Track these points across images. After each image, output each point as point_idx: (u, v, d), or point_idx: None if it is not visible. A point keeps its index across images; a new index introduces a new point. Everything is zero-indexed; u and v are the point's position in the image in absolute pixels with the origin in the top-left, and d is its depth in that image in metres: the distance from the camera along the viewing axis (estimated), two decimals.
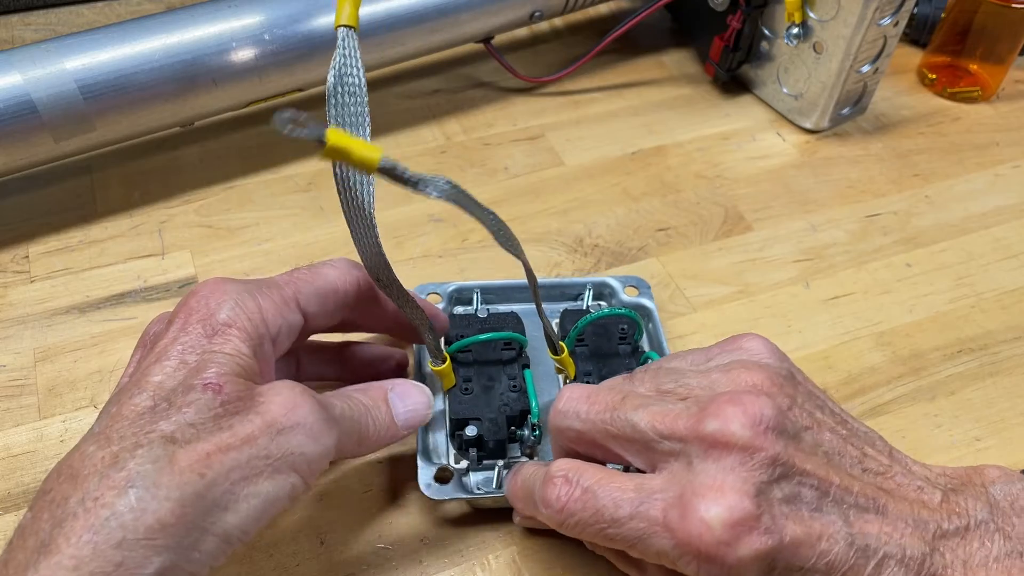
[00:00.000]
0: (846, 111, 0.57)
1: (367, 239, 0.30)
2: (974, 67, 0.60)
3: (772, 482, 0.25)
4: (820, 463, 0.26)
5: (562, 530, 0.28)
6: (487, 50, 0.57)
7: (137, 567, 0.22)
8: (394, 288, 0.32)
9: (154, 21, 0.46)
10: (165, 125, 0.47)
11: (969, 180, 0.54)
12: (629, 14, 0.58)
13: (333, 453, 0.28)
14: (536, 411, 0.35)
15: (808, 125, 0.56)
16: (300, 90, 0.51)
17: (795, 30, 0.53)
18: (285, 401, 0.26)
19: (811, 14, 0.52)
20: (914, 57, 0.64)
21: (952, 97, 0.61)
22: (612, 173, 0.53)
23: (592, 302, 0.42)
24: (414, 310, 0.33)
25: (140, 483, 0.23)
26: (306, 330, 0.31)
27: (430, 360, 0.35)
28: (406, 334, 0.37)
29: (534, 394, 0.36)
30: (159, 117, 0.46)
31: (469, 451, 0.35)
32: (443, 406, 0.37)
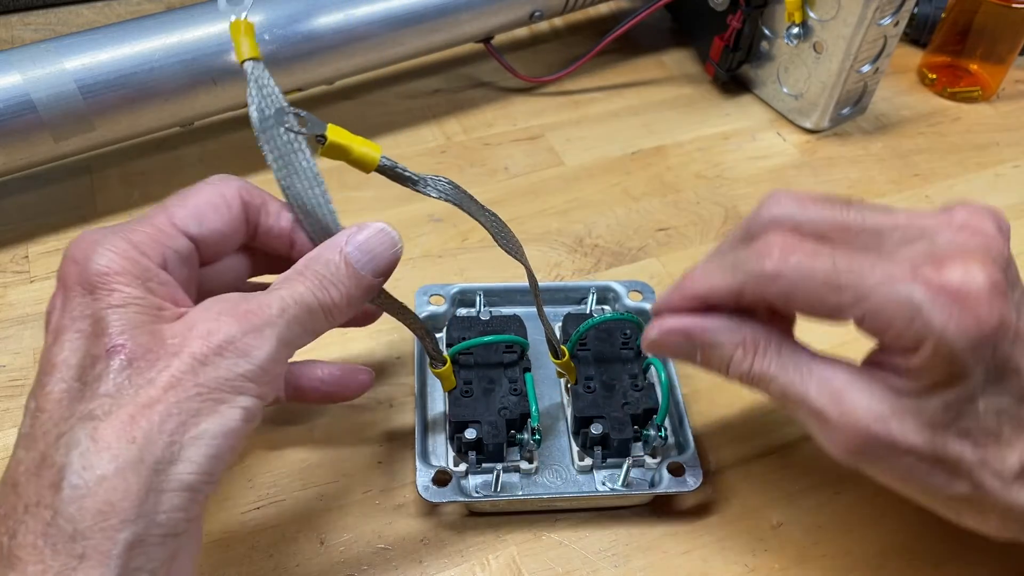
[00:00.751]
0: (846, 111, 0.57)
1: (314, 201, 0.28)
2: (974, 67, 0.60)
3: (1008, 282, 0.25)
4: None
5: (771, 291, 0.26)
6: (487, 50, 0.57)
7: (101, 553, 0.22)
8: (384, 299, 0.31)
9: (154, 21, 0.46)
10: (165, 125, 0.47)
11: (969, 180, 0.54)
12: (629, 14, 0.58)
13: (284, 350, 0.26)
14: (536, 415, 0.35)
15: (808, 125, 0.56)
16: (300, 90, 0.51)
17: (795, 30, 0.53)
18: (200, 330, 0.25)
19: (811, 14, 0.52)
20: (914, 57, 0.64)
21: (952, 97, 0.61)
22: (612, 173, 0.53)
23: (596, 306, 0.42)
24: (409, 318, 0.32)
25: (70, 471, 0.22)
26: (206, 252, 0.29)
27: (430, 362, 0.35)
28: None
29: (534, 398, 0.36)
30: (159, 117, 0.46)
31: (468, 454, 0.35)
32: (444, 408, 0.37)
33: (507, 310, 0.41)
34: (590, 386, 0.37)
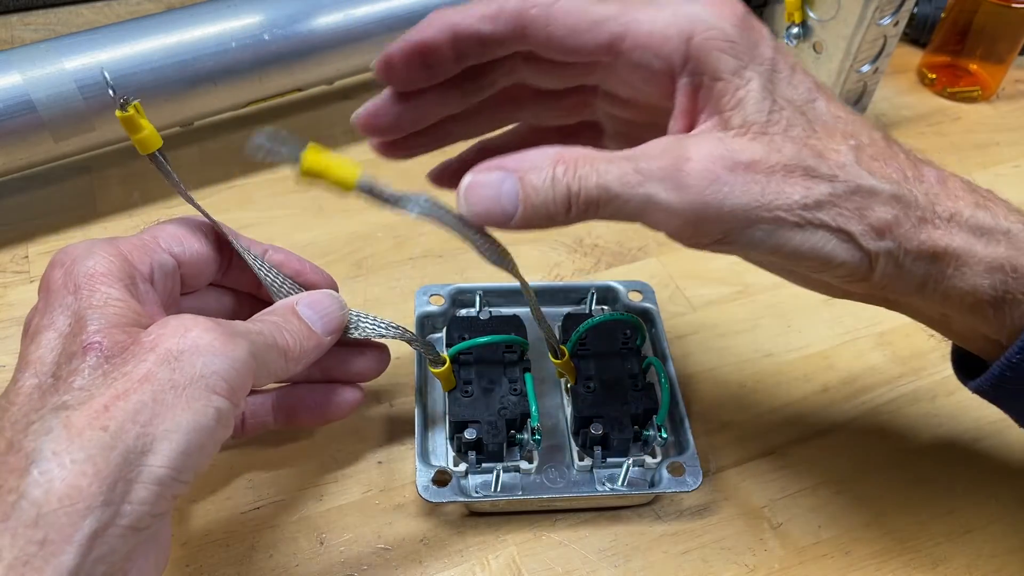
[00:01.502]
0: None
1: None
2: (974, 67, 0.60)
3: None
4: None
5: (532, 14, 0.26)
6: None
7: (63, 538, 0.22)
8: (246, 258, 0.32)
9: (154, 21, 0.46)
10: (165, 125, 0.47)
11: (969, 180, 0.54)
12: None
13: (253, 364, 0.26)
14: (536, 415, 0.35)
15: None
16: (300, 90, 0.51)
17: (795, 30, 0.53)
18: (174, 329, 0.25)
19: (811, 14, 0.52)
20: (914, 57, 0.64)
21: (952, 97, 0.61)
22: None
23: (596, 306, 0.42)
24: (394, 334, 0.34)
25: (39, 456, 0.22)
26: (187, 276, 0.31)
27: (429, 363, 0.35)
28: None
29: (534, 398, 0.36)
30: (159, 117, 0.46)
31: (468, 454, 0.35)
32: (444, 408, 0.37)
33: (507, 310, 0.41)
34: (590, 386, 0.37)
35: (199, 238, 0.31)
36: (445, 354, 0.35)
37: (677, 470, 0.35)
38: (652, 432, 0.36)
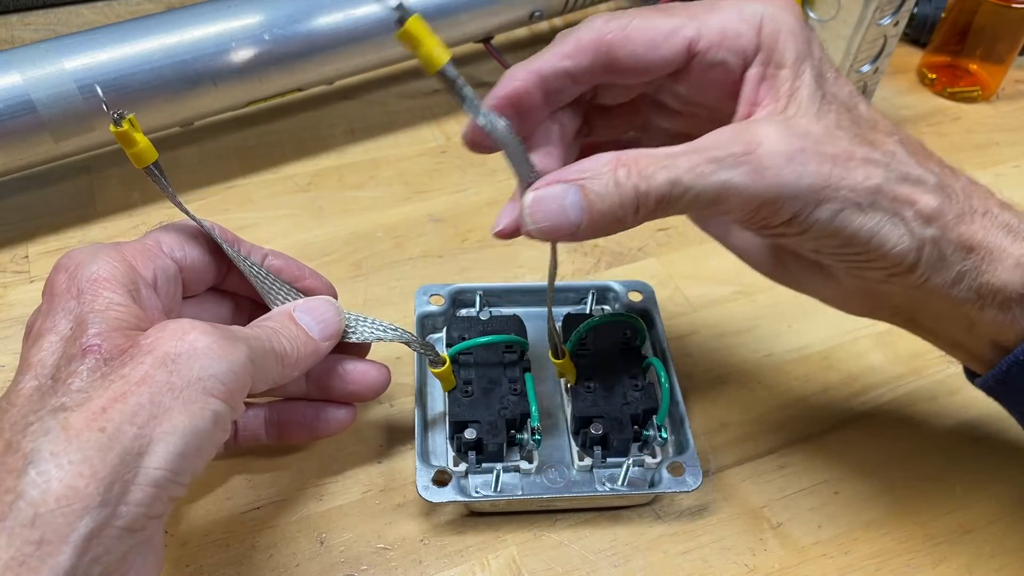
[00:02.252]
0: None
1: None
2: (974, 67, 0.60)
3: None
4: None
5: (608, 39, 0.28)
6: (487, 50, 0.57)
7: (60, 538, 0.22)
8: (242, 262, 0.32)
9: (154, 21, 0.46)
10: (165, 125, 0.47)
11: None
12: None
13: (251, 369, 0.26)
14: (536, 415, 0.35)
15: None
16: (300, 90, 0.51)
17: None
18: (172, 333, 0.25)
19: (811, 14, 0.52)
20: (914, 57, 0.64)
21: (952, 97, 0.61)
22: None
23: (596, 306, 0.42)
24: (392, 336, 0.34)
25: (37, 457, 0.22)
26: (188, 280, 0.31)
27: (429, 362, 0.35)
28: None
29: (534, 398, 0.36)
30: (159, 117, 0.46)
31: (468, 454, 0.35)
32: (444, 408, 0.37)
33: (507, 310, 0.41)
34: (590, 386, 0.36)
35: (200, 243, 0.32)
36: (445, 354, 0.35)
37: (677, 470, 0.35)
38: (652, 432, 0.36)
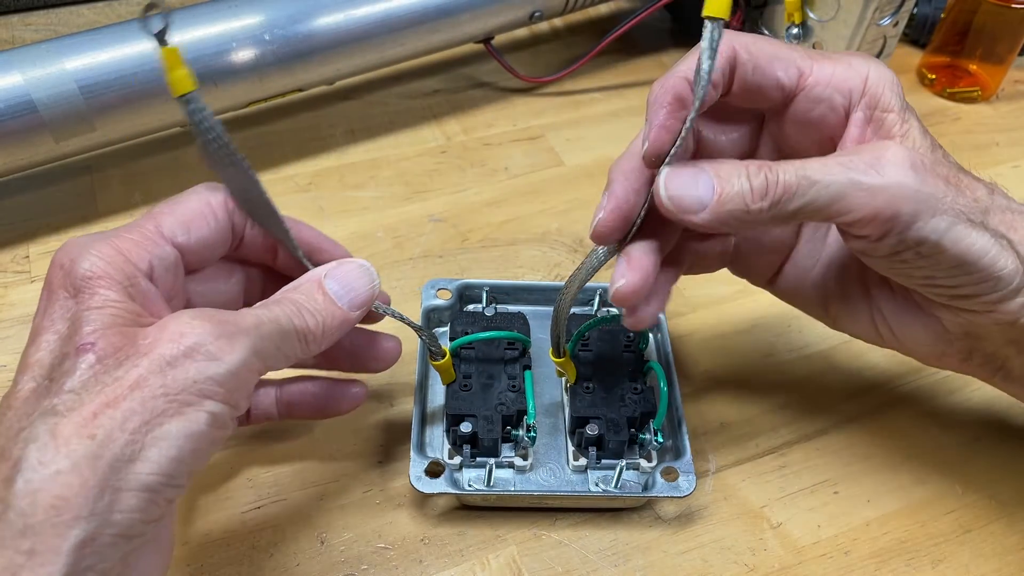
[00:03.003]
0: None
1: (239, 175, 0.29)
2: (974, 67, 0.60)
3: None
4: None
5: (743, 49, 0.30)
6: (487, 50, 0.57)
7: (51, 549, 0.22)
8: (273, 224, 0.31)
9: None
10: (165, 125, 0.47)
11: None
12: (629, 14, 0.58)
13: (257, 363, 0.26)
14: (532, 412, 0.35)
15: None
16: (300, 90, 0.51)
17: (795, 30, 0.53)
18: (171, 332, 0.25)
19: (811, 14, 0.52)
20: (914, 57, 0.64)
21: (952, 97, 0.61)
22: None
23: (603, 309, 0.42)
24: (403, 318, 0.33)
25: (26, 466, 0.22)
26: (192, 261, 0.30)
27: (429, 355, 0.35)
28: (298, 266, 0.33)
29: (532, 395, 0.36)
30: (159, 117, 0.46)
31: (463, 447, 0.35)
32: (442, 402, 0.37)
33: (513, 307, 0.41)
34: (589, 386, 0.37)
35: (207, 219, 0.30)
36: (446, 347, 0.36)
37: (671, 475, 0.35)
38: (648, 436, 0.36)
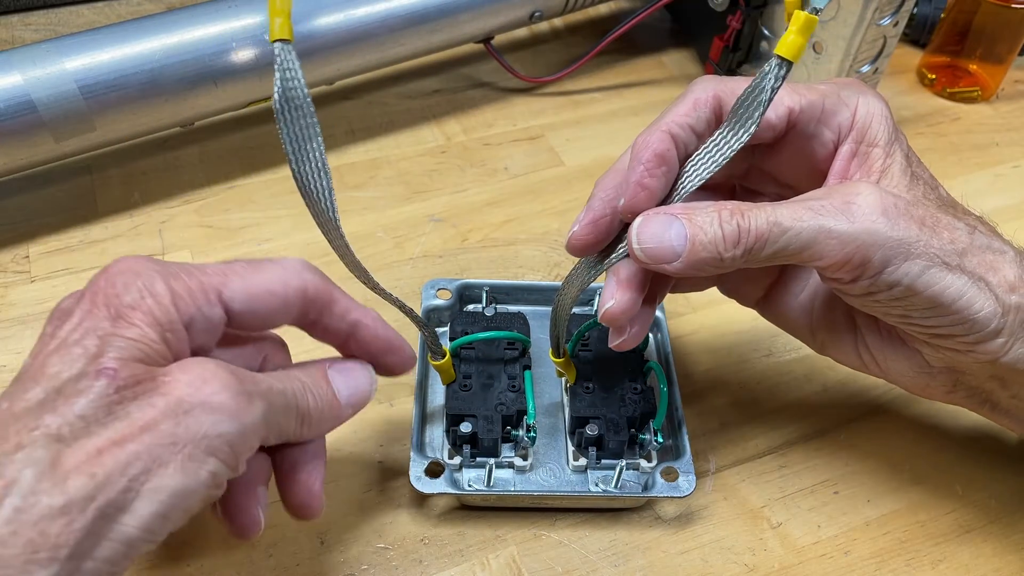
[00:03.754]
0: None
1: (337, 242, 0.29)
2: (974, 67, 0.60)
3: None
4: None
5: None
6: (487, 50, 0.57)
7: None
8: (373, 286, 0.31)
9: (154, 21, 0.46)
10: (165, 125, 0.47)
11: (969, 180, 0.54)
12: (629, 14, 0.58)
13: (263, 430, 0.25)
14: (532, 412, 0.35)
15: None
16: None
17: None
18: (192, 378, 0.24)
19: None
20: (914, 57, 0.64)
21: (952, 97, 0.61)
22: None
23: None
24: (409, 313, 0.33)
25: (17, 492, 0.21)
26: (237, 326, 0.28)
27: (429, 355, 0.35)
28: (363, 352, 0.32)
29: (532, 395, 0.36)
30: (159, 117, 0.46)
31: (463, 447, 0.35)
32: (442, 402, 0.37)
33: (513, 307, 0.41)
34: (589, 387, 0.37)
35: (276, 300, 0.28)
36: (446, 347, 0.36)
37: (671, 475, 0.35)
38: (648, 436, 0.36)
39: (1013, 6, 0.55)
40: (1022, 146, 0.57)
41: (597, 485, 0.36)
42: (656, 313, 0.41)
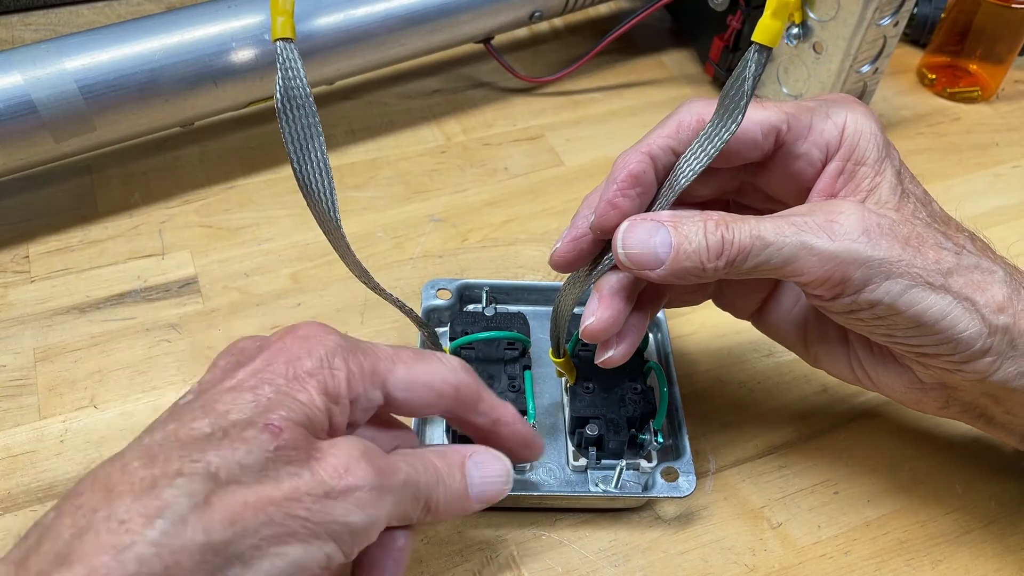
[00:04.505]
0: None
1: (339, 242, 0.29)
2: (974, 67, 0.60)
3: None
4: None
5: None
6: (487, 50, 0.57)
7: None
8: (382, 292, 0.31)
9: (154, 21, 0.46)
10: (165, 125, 0.47)
11: (969, 180, 0.54)
12: (629, 14, 0.58)
13: (384, 523, 0.26)
14: (532, 412, 0.35)
15: None
16: None
17: (795, 30, 0.53)
18: (340, 462, 0.25)
19: (811, 14, 0.52)
20: (914, 57, 0.64)
21: (952, 97, 0.61)
22: None
23: None
24: (409, 312, 0.33)
25: (170, 517, 0.22)
26: (390, 410, 0.29)
27: None
28: (499, 445, 0.31)
29: (532, 395, 0.36)
30: (159, 117, 0.46)
31: None
32: None
33: (512, 307, 0.41)
34: (589, 387, 0.37)
35: (434, 394, 0.29)
36: (446, 347, 0.35)
37: (671, 475, 0.35)
38: (648, 436, 0.36)
39: (1013, 6, 0.55)
40: (1022, 146, 0.57)
41: (597, 485, 0.36)
42: (658, 314, 0.41)
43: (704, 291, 0.36)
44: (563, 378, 0.39)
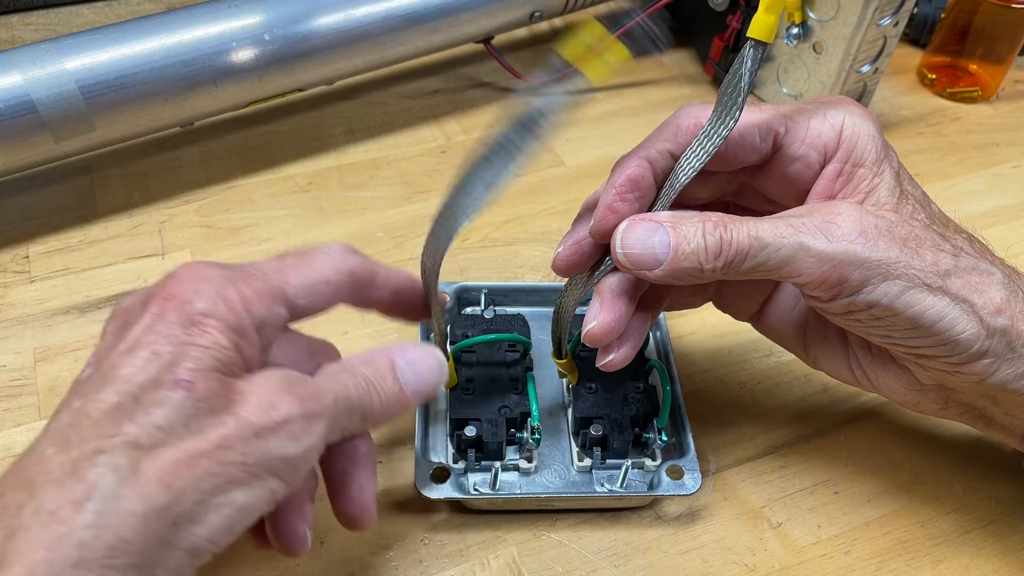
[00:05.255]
0: None
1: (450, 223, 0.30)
2: (974, 67, 0.60)
3: None
4: None
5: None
6: (487, 50, 0.57)
7: None
8: (431, 281, 0.32)
9: (154, 21, 0.46)
10: (165, 125, 0.47)
11: (968, 180, 0.54)
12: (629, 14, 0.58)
13: (322, 446, 0.26)
14: (536, 414, 0.35)
15: None
16: (300, 90, 0.51)
17: (795, 30, 0.53)
18: (263, 399, 0.24)
19: (811, 14, 0.52)
20: (914, 57, 0.64)
21: (952, 97, 0.61)
22: None
23: None
24: (436, 308, 0.33)
25: (99, 496, 0.21)
26: (295, 318, 0.29)
27: None
28: (400, 312, 0.33)
29: (535, 397, 0.36)
30: (159, 117, 0.46)
31: (467, 452, 0.35)
32: (444, 406, 0.37)
33: (512, 309, 0.41)
34: (591, 387, 0.37)
35: (332, 288, 0.29)
36: (448, 351, 0.35)
37: (676, 473, 0.35)
38: (652, 435, 0.36)
39: (1013, 6, 0.55)
40: (1022, 146, 0.57)
41: (603, 485, 0.36)
42: None
43: (704, 294, 0.36)
44: (565, 379, 0.39)
